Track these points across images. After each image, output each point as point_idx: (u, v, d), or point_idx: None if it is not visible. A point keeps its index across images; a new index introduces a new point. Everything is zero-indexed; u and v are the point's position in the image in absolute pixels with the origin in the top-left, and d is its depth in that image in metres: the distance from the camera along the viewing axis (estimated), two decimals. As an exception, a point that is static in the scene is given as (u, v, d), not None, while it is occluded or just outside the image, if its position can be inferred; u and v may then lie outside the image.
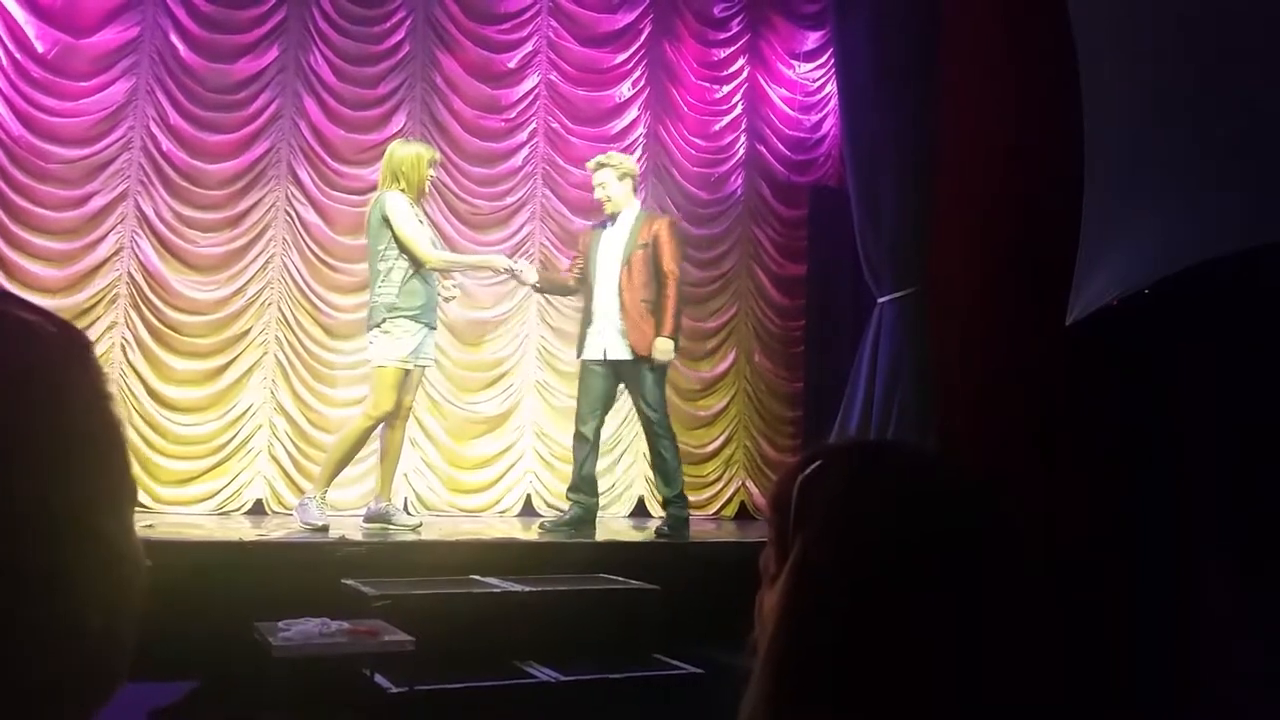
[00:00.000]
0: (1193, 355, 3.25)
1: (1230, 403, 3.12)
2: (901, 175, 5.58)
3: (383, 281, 4.65)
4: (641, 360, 5.00)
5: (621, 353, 5.02)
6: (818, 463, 0.83)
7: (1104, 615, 3.20)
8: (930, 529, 0.77)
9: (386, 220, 4.66)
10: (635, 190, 5.34)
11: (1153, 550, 3.24)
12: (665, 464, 5.15)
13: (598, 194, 5.22)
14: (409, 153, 4.82)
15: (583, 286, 5.24)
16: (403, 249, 4.65)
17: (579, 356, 5.24)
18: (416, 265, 4.66)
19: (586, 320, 5.18)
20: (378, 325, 4.65)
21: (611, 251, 5.12)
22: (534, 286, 5.42)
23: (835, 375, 6.27)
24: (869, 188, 5.87)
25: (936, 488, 0.81)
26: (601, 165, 5.19)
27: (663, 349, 4.98)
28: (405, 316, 4.62)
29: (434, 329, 4.83)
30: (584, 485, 5.14)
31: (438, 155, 5.20)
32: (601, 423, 5.23)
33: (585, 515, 5.11)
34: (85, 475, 0.52)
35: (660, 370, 5.08)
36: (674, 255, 5.08)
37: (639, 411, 5.20)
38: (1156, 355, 3.39)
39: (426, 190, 5.00)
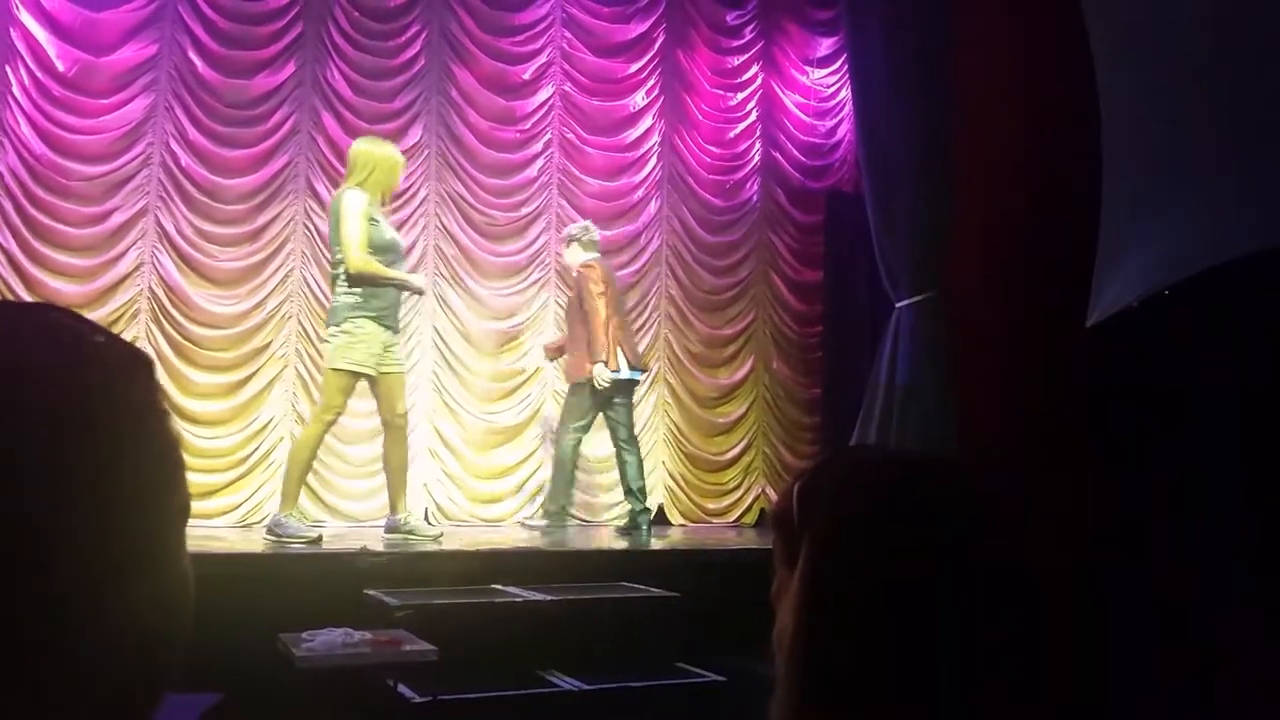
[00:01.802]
0: (1210, 356, 3.23)
1: (1248, 404, 3.10)
2: (917, 179, 5.55)
3: (344, 280, 4.46)
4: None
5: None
6: (810, 473, 0.85)
7: (1115, 616, 3.18)
8: (910, 527, 0.78)
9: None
10: (574, 247, 5.84)
11: (1171, 551, 3.22)
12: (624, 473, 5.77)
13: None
14: (385, 152, 4.69)
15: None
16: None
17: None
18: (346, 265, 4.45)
19: None
20: (338, 325, 4.45)
21: None
22: None
23: (853, 381, 6.25)
24: (885, 192, 5.84)
25: (914, 487, 0.82)
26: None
27: (598, 373, 5.53)
28: (367, 317, 4.43)
29: (397, 332, 4.65)
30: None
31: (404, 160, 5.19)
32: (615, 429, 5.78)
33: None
34: (137, 492, 0.52)
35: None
36: (589, 293, 5.57)
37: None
38: (1174, 356, 3.37)
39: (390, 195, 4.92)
